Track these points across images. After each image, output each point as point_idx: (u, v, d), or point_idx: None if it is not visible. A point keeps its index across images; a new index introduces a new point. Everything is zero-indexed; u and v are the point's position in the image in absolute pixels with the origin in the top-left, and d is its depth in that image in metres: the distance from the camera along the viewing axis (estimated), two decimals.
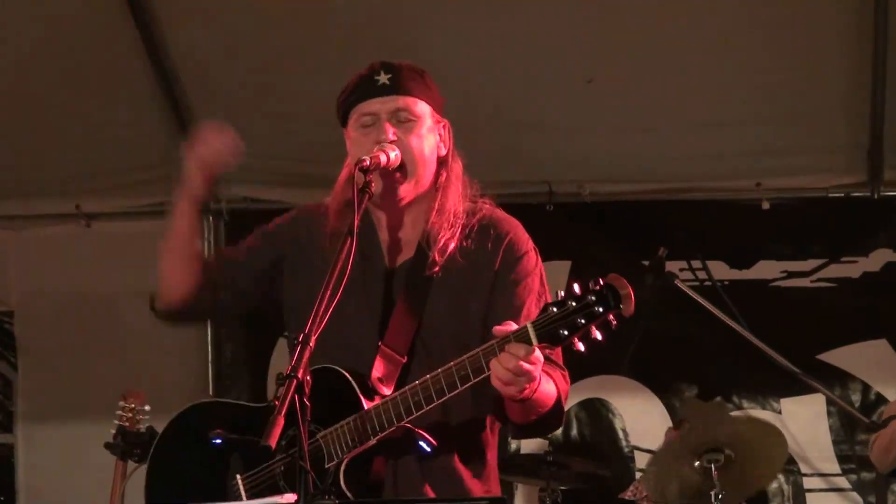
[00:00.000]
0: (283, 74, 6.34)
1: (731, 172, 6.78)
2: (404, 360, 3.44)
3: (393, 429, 3.31)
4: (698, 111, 6.43)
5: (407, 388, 3.31)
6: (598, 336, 3.12)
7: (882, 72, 6.11)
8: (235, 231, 7.09)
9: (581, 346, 3.14)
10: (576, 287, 3.13)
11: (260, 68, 6.34)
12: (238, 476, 3.49)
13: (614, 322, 3.11)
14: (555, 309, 3.14)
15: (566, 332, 3.12)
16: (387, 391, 3.40)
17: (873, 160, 6.64)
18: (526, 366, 3.17)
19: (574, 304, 3.11)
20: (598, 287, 3.11)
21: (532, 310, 3.43)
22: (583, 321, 3.10)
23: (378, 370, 3.42)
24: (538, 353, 3.18)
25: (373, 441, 3.32)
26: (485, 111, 6.22)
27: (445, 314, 3.49)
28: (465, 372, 3.24)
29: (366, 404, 3.33)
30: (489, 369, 3.20)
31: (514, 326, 3.19)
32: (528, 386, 3.23)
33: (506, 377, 3.19)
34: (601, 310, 3.09)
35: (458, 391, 3.26)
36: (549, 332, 3.14)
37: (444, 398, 3.27)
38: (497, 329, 3.21)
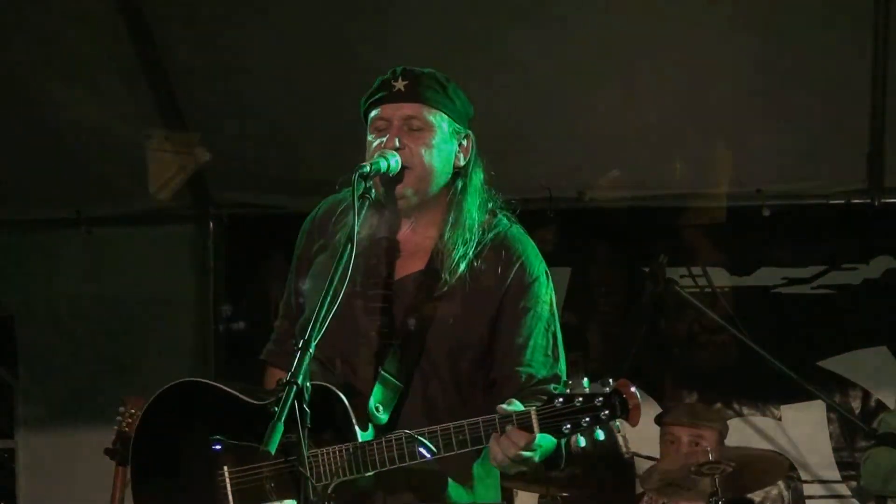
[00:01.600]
0: (283, 81, 6.34)
1: (732, 179, 6.77)
2: (402, 387, 3.42)
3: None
4: (699, 118, 6.42)
5: (404, 433, 3.28)
6: (601, 436, 3.14)
7: (882, 79, 6.11)
8: (235, 235, 7.09)
9: (583, 442, 3.17)
10: (585, 383, 3.14)
11: (259, 74, 6.34)
12: (225, 468, 3.43)
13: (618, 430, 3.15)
14: (560, 400, 3.14)
15: (569, 427, 3.14)
16: (383, 418, 3.38)
17: (873, 167, 6.63)
18: (526, 454, 3.19)
19: (581, 401, 3.13)
20: (607, 389, 3.13)
21: (539, 342, 3.44)
22: (587, 421, 3.13)
23: (376, 397, 3.39)
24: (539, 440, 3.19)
25: (364, 475, 3.30)
26: (485, 118, 6.21)
27: (447, 339, 3.44)
28: (463, 437, 3.23)
29: (359, 434, 3.30)
30: (487, 441, 3.21)
31: (517, 406, 3.18)
32: (525, 467, 3.25)
33: (504, 462, 3.21)
34: (607, 414, 3.12)
35: (452, 453, 3.25)
36: (552, 424, 3.15)
37: (438, 456, 3.26)
38: (501, 408, 3.20)
